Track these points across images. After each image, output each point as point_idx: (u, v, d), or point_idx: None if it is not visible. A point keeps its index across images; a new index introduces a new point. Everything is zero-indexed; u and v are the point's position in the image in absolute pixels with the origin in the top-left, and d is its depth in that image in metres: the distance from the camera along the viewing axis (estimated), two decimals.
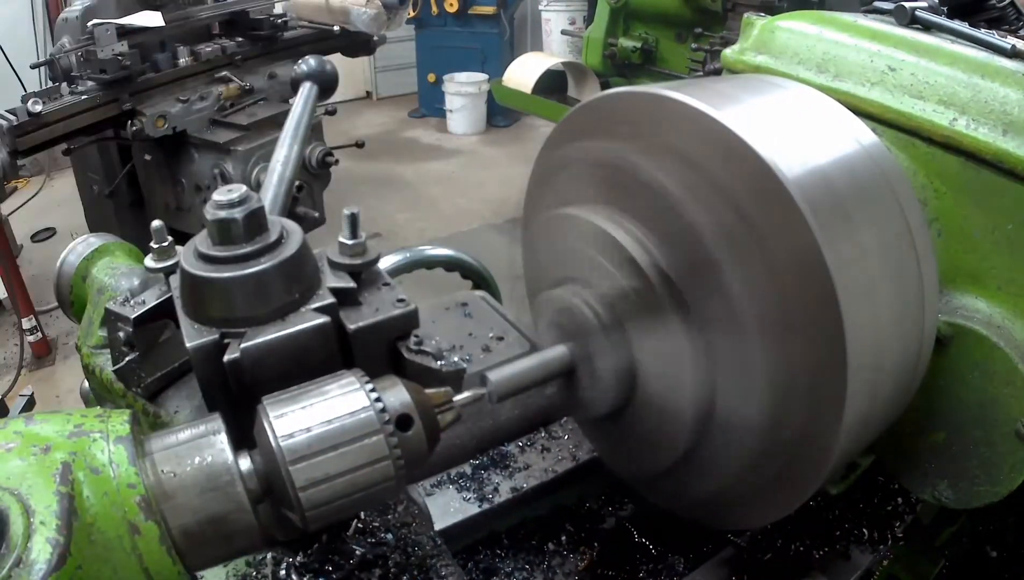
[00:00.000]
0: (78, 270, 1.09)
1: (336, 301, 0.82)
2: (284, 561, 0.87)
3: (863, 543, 1.27)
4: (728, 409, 0.95)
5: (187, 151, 4.12)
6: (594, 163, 1.05)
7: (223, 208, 0.78)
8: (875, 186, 0.93)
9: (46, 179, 7.69)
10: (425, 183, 7.99)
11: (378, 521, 0.92)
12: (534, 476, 1.31)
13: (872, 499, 1.33)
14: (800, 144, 0.90)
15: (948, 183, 1.08)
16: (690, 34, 5.10)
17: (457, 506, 1.26)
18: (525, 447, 1.37)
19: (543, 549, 1.30)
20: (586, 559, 1.29)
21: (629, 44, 5.45)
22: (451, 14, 9.28)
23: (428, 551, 0.91)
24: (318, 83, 1.15)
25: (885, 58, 1.14)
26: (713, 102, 0.90)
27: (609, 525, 1.36)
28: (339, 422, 0.69)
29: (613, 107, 1.02)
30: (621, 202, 1.01)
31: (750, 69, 1.28)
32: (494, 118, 9.57)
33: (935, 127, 1.06)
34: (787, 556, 1.25)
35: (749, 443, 0.95)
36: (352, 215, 0.84)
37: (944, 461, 1.12)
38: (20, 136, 3.45)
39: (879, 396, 0.92)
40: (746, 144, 0.84)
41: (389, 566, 0.88)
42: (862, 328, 0.84)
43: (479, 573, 1.25)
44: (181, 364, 0.87)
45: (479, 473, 1.31)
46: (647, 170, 0.96)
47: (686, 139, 0.91)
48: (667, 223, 0.94)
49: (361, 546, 0.89)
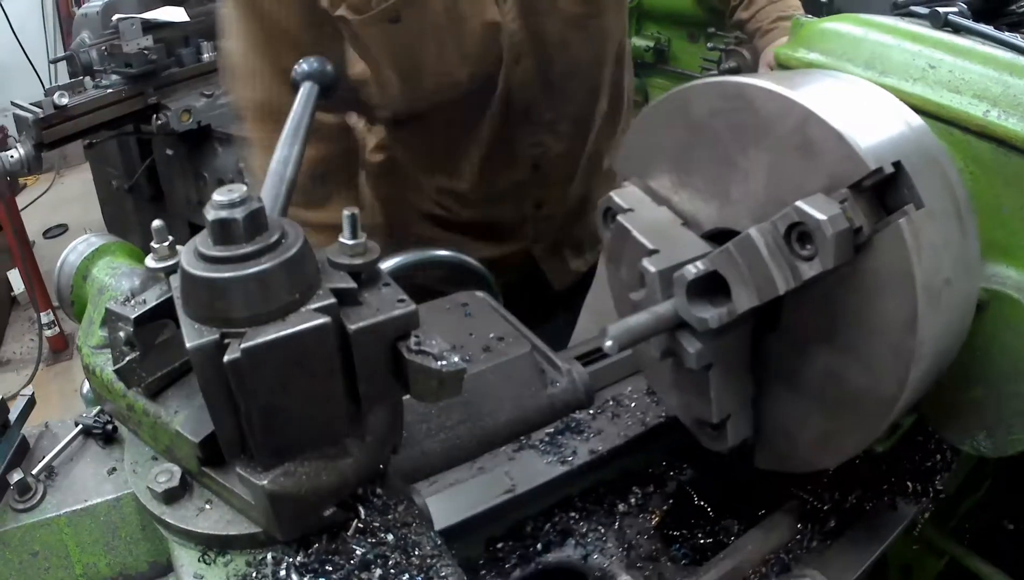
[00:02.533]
0: (79, 270, 1.10)
1: (336, 301, 0.82)
2: (284, 561, 0.87)
3: (907, 495, 1.41)
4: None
5: (211, 145, 4.16)
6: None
7: (223, 208, 0.78)
8: (930, 160, 1.07)
9: (56, 176, 7.78)
10: None
11: (378, 521, 0.92)
12: (608, 440, 1.40)
13: (914, 457, 1.46)
14: (863, 122, 1.04)
15: (981, 166, 1.20)
16: (702, 34, 5.11)
17: (540, 468, 1.34)
18: (596, 414, 1.46)
19: (613, 511, 1.40)
20: (656, 517, 1.40)
21: (642, 43, 5.47)
22: None
23: (428, 551, 0.91)
24: (318, 83, 1.15)
25: (925, 57, 1.27)
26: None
27: (671, 488, 1.46)
28: None
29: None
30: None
31: (803, 65, 1.39)
32: None
33: (970, 117, 1.18)
34: (842, 508, 1.38)
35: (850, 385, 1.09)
36: (352, 215, 0.84)
37: (982, 414, 1.23)
38: (46, 128, 3.49)
39: (940, 339, 1.05)
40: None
41: (389, 566, 0.88)
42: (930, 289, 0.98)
43: (556, 535, 1.34)
44: (181, 364, 0.88)
45: (556, 438, 1.40)
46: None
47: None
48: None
49: (361, 546, 0.89)
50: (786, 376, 1.18)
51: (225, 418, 0.81)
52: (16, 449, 1.02)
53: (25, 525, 0.97)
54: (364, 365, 0.83)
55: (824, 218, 0.93)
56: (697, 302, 1.05)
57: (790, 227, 0.97)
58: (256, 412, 0.79)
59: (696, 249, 1.14)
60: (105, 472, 1.02)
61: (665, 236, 1.18)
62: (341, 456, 0.86)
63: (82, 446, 1.06)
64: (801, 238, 0.97)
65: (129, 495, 0.98)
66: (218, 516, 0.89)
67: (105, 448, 1.06)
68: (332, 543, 0.89)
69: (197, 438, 0.86)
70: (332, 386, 0.82)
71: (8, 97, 3.90)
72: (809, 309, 1.10)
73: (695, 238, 1.19)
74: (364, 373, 0.84)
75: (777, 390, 1.20)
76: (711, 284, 1.06)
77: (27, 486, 0.98)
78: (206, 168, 4.19)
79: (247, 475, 0.82)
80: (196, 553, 0.89)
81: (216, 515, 0.90)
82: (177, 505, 0.90)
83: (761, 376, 1.21)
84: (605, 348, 1.01)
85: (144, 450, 0.98)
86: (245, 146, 2.17)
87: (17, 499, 0.98)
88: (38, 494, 0.99)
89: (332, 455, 0.85)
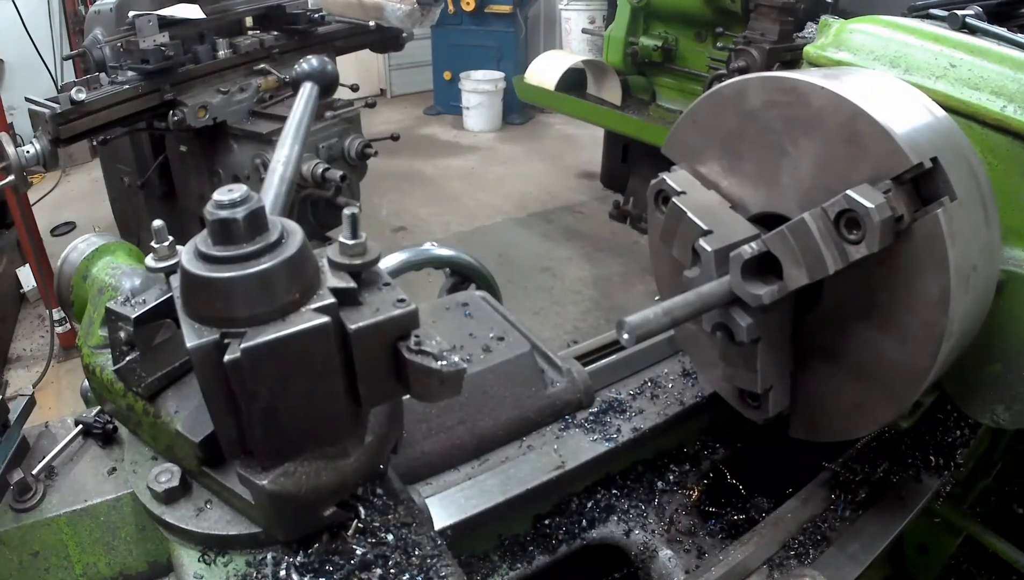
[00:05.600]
0: (79, 270, 1.10)
1: (336, 301, 0.81)
2: (284, 561, 0.87)
3: (931, 469, 1.51)
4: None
5: (226, 142, 4.17)
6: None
7: (224, 208, 0.78)
8: (960, 155, 1.14)
9: (62, 174, 7.82)
10: (446, 178, 8.02)
11: (378, 521, 0.91)
12: (649, 419, 1.45)
13: (936, 432, 1.55)
14: (903, 118, 1.10)
15: (999, 158, 1.31)
16: (710, 33, 5.12)
17: (586, 446, 1.37)
18: (636, 394, 1.52)
19: (653, 488, 1.47)
20: (694, 494, 1.47)
21: (650, 43, 5.47)
22: (467, 13, 9.36)
23: (428, 551, 0.90)
24: (318, 83, 1.15)
25: (947, 56, 1.38)
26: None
27: (705, 467, 1.54)
28: None
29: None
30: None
31: (832, 64, 1.50)
32: (509, 115, 9.64)
33: (988, 112, 1.30)
34: (872, 479, 1.47)
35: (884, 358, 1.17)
36: (352, 215, 0.84)
37: (1000, 388, 1.35)
38: (63, 124, 3.48)
39: (967, 318, 1.13)
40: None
41: (389, 566, 0.88)
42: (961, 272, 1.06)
43: (600, 511, 1.39)
44: (181, 364, 0.88)
45: (600, 417, 1.44)
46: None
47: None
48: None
49: (361, 546, 0.89)
50: (824, 350, 1.26)
51: (225, 418, 0.81)
52: (16, 449, 1.02)
53: (25, 525, 0.97)
54: (364, 365, 0.83)
55: (872, 206, 1.02)
56: (750, 280, 1.15)
57: (839, 213, 1.06)
58: (256, 412, 0.78)
59: (745, 230, 1.23)
60: (105, 472, 1.03)
61: (717, 218, 1.26)
62: (341, 456, 0.86)
63: (82, 446, 1.06)
64: (849, 224, 1.06)
65: (129, 495, 0.98)
66: (218, 516, 0.89)
67: (105, 448, 1.06)
68: (332, 543, 0.89)
69: (197, 438, 0.86)
70: (332, 386, 0.81)
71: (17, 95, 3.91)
72: (850, 288, 1.18)
73: (743, 221, 1.27)
74: (364, 373, 0.83)
75: (815, 363, 1.29)
76: (762, 264, 1.15)
77: (27, 486, 0.98)
78: (221, 164, 4.19)
79: (247, 475, 0.82)
80: (196, 553, 0.89)
81: (216, 515, 0.90)
82: (177, 505, 0.91)
83: (800, 351, 1.30)
84: (622, 341, 1.06)
85: (144, 450, 0.98)
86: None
87: (17, 499, 0.98)
88: (38, 494, 0.99)
89: (332, 455, 0.85)
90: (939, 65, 1.37)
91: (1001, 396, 1.34)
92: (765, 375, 1.24)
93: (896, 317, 1.14)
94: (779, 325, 1.24)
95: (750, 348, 1.20)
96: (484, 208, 7.29)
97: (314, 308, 0.80)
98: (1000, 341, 1.31)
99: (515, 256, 6.26)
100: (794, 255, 1.12)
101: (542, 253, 6.35)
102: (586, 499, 1.39)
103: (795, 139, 1.19)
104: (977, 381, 1.36)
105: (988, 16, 1.53)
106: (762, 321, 1.18)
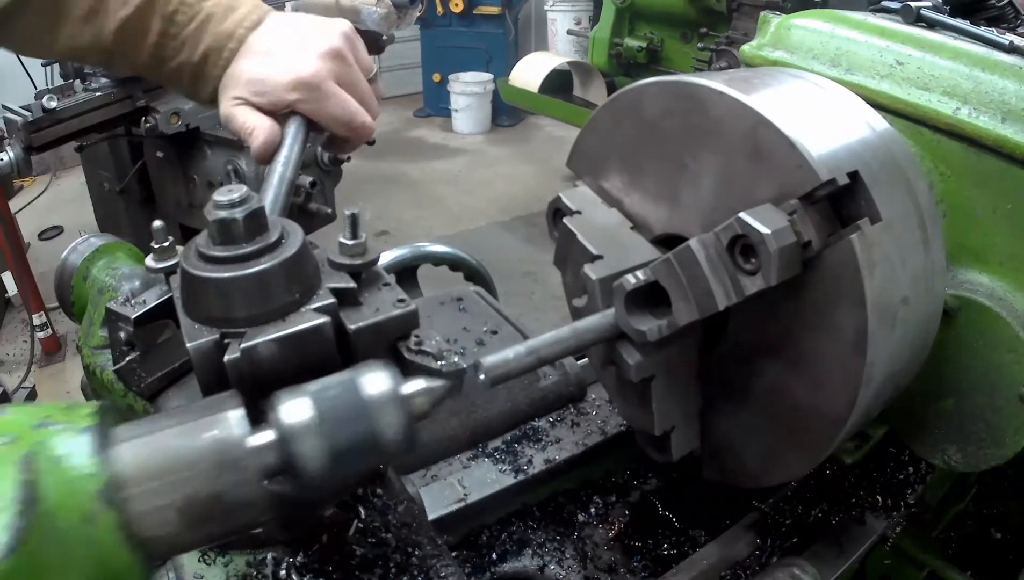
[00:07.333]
0: (79, 270, 1.10)
1: (336, 301, 0.81)
2: (284, 561, 0.87)
3: (877, 509, 1.35)
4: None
5: (200, 148, 4.14)
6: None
7: (223, 208, 0.78)
8: (894, 169, 0.99)
9: (52, 178, 7.74)
10: (431, 181, 8.01)
11: (378, 521, 0.91)
12: (566, 449, 1.35)
13: (884, 469, 1.41)
14: (819, 127, 0.97)
15: (952, 167, 1.16)
16: (695, 34, 5.14)
17: (494, 478, 1.29)
18: (555, 422, 1.41)
19: (573, 521, 1.35)
20: (615, 529, 1.35)
21: (635, 44, 5.50)
22: (456, 14, 9.33)
23: (428, 551, 0.91)
24: None
25: (893, 53, 1.23)
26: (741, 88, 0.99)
27: (634, 499, 1.41)
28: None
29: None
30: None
31: (768, 63, 1.37)
32: (499, 117, 9.61)
33: (940, 116, 1.15)
34: (805, 522, 1.32)
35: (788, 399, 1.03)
36: (352, 215, 0.84)
37: (952, 426, 1.21)
38: (35, 132, 3.48)
39: (896, 360, 0.99)
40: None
41: (389, 566, 0.88)
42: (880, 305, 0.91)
43: (512, 544, 1.29)
44: (181, 364, 0.88)
45: (513, 446, 1.35)
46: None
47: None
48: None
49: (361, 546, 0.89)
50: (734, 389, 1.11)
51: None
52: None
53: None
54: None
55: (768, 232, 0.87)
56: (637, 313, 0.99)
57: (734, 239, 0.90)
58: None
59: (643, 255, 1.08)
60: None
61: (613, 240, 1.12)
62: None
63: None
64: (745, 251, 0.90)
65: None
66: None
67: None
68: (332, 543, 0.89)
69: None
70: None
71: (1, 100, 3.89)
72: (757, 322, 1.04)
73: (644, 243, 1.13)
74: None
75: (724, 403, 1.14)
76: (654, 294, 0.99)
77: None
78: (195, 170, 4.16)
79: None
80: (196, 553, 0.89)
81: None
82: None
83: (708, 389, 1.15)
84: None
85: None
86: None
87: None
88: None
89: None
90: (884, 63, 1.21)
91: (953, 436, 1.20)
92: (663, 416, 1.10)
93: (808, 358, 0.99)
94: (680, 361, 1.09)
95: (644, 386, 1.07)
96: (468, 211, 7.29)
97: (314, 308, 0.80)
98: (952, 374, 1.16)
99: (497, 260, 6.25)
100: (682, 287, 0.95)
101: (525, 257, 6.34)
102: (498, 531, 1.30)
103: (694, 152, 1.05)
104: (926, 418, 1.22)
105: (955, 9, 1.36)
106: (657, 357, 1.04)
